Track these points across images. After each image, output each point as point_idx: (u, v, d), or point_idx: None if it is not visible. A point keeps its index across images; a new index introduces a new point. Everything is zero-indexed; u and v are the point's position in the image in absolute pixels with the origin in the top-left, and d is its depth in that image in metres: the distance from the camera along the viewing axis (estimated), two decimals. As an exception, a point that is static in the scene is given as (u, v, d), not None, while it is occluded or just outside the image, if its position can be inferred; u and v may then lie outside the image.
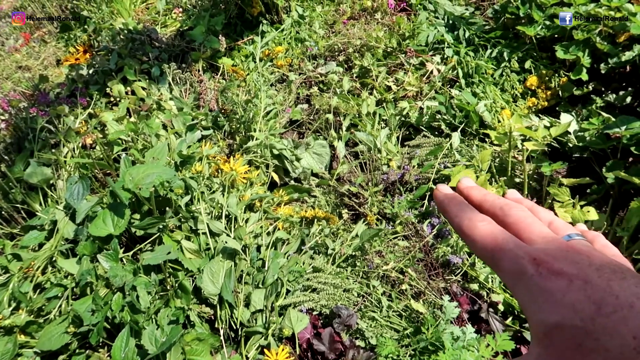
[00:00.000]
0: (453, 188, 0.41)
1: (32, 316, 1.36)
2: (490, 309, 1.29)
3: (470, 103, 1.78)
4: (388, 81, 2.03)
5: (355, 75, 2.11)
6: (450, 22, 2.23)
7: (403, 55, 2.09)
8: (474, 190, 0.41)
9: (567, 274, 0.27)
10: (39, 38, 2.87)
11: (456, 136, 1.70)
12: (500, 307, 1.32)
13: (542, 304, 0.27)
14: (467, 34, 2.12)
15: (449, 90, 1.93)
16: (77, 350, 1.34)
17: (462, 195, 0.41)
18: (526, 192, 1.51)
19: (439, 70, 2.03)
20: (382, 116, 1.93)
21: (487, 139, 1.78)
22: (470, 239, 0.34)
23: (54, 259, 1.50)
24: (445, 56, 2.07)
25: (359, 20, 2.41)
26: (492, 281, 1.36)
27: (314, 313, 1.33)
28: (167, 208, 1.51)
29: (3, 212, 1.66)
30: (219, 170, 1.68)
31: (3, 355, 1.30)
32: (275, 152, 1.78)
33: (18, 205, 1.70)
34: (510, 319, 1.30)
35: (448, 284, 1.36)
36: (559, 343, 0.25)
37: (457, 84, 1.98)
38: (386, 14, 2.36)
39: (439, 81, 1.98)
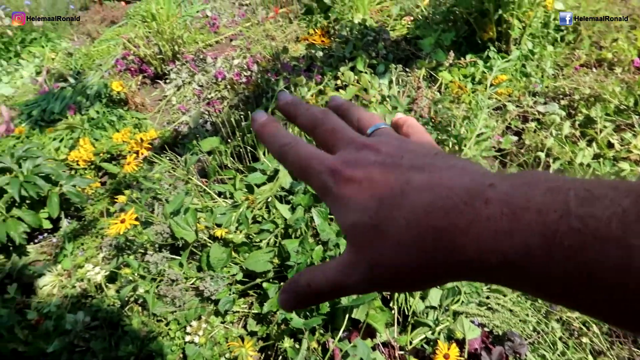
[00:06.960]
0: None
1: (246, 239, 1.63)
2: (676, 400, 1.21)
3: None
4: (612, 138, 1.96)
5: (577, 123, 2.07)
6: (701, 96, 2.05)
7: (638, 116, 1.99)
8: (288, 106, 0.36)
9: (356, 179, 0.27)
10: (285, 14, 3.30)
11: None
12: (688, 403, 1.23)
13: (342, 211, 0.27)
14: None
15: (681, 167, 1.79)
16: (272, 280, 1.58)
17: (284, 114, 0.36)
18: None
19: (674, 143, 1.89)
20: (595, 170, 1.87)
21: None
22: (287, 167, 0.32)
23: (269, 200, 1.77)
24: (687, 130, 1.92)
25: (592, 70, 2.34)
26: (684, 374, 1.27)
27: (485, 329, 1.38)
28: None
29: (240, 150, 2.00)
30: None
31: (219, 260, 1.60)
32: (478, 172, 1.84)
33: (248, 148, 2.03)
34: (696, 419, 1.21)
35: (632, 357, 1.30)
36: (357, 241, 0.27)
37: (693, 162, 1.83)
38: (627, 72, 2.25)
39: (672, 154, 1.85)
